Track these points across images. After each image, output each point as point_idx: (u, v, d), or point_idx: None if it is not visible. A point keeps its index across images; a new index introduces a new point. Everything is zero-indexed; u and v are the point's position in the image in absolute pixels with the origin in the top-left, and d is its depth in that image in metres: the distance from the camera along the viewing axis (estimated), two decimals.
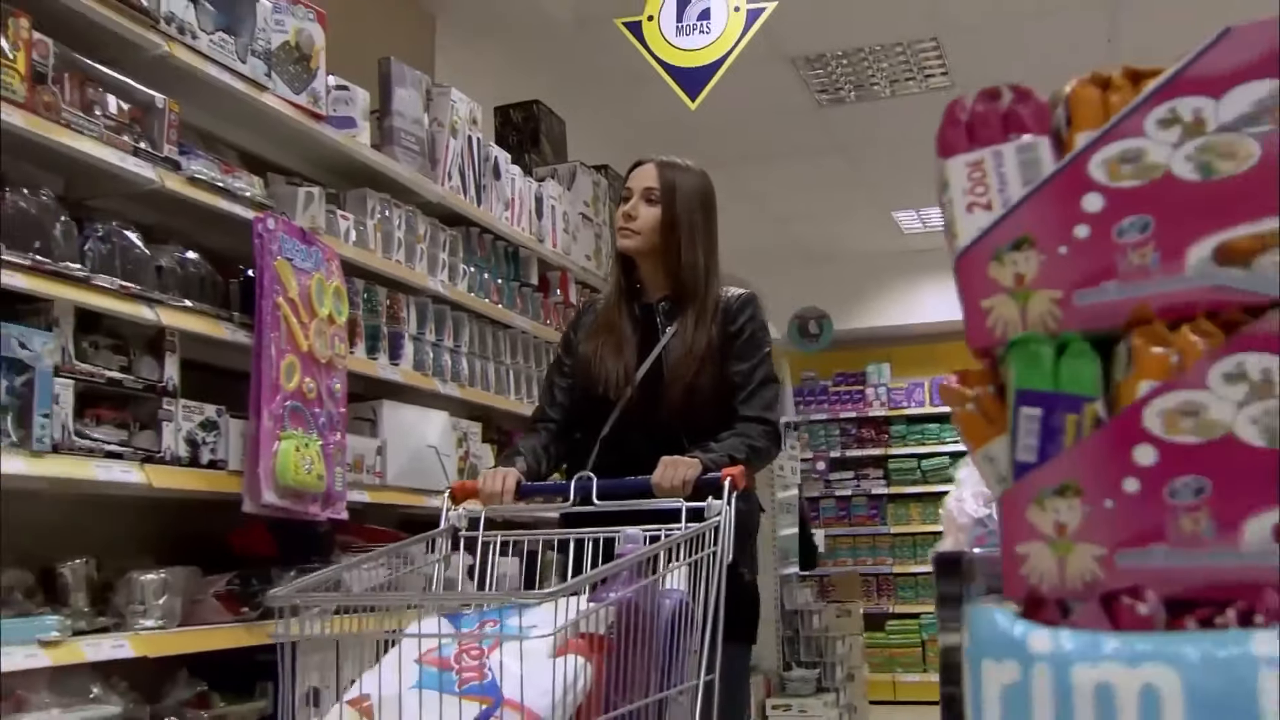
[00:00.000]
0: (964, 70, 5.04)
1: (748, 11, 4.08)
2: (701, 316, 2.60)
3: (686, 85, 4.10)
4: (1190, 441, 0.78)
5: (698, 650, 1.93)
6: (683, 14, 4.12)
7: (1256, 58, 0.82)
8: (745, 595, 2.46)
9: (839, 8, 4.52)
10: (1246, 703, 0.68)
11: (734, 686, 2.39)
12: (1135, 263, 0.82)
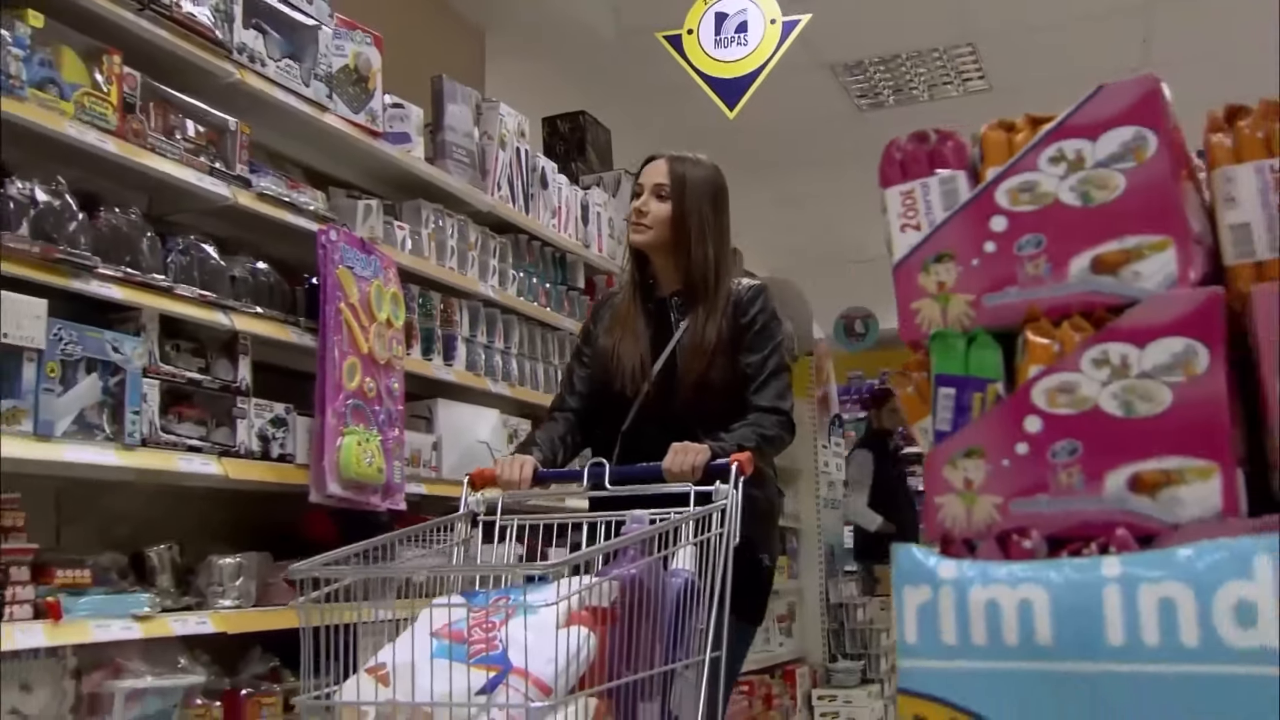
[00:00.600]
0: (1000, 74, 5.23)
1: (783, 24, 4.29)
2: (712, 310, 2.65)
3: (725, 95, 4.32)
4: (1066, 413, 1.00)
5: (704, 628, 2.03)
6: (721, 27, 4.35)
7: (1123, 108, 1.04)
8: (761, 580, 2.59)
9: (875, 17, 4.73)
10: (1094, 610, 0.91)
11: (732, 659, 2.48)
12: (1030, 272, 1.05)
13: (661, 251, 2.76)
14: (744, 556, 2.26)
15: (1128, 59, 4.81)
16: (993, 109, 1.38)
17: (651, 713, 1.91)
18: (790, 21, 4.27)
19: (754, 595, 2.52)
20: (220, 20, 2.84)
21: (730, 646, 2.45)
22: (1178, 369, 0.98)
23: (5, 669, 2.32)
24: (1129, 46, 4.93)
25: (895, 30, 4.84)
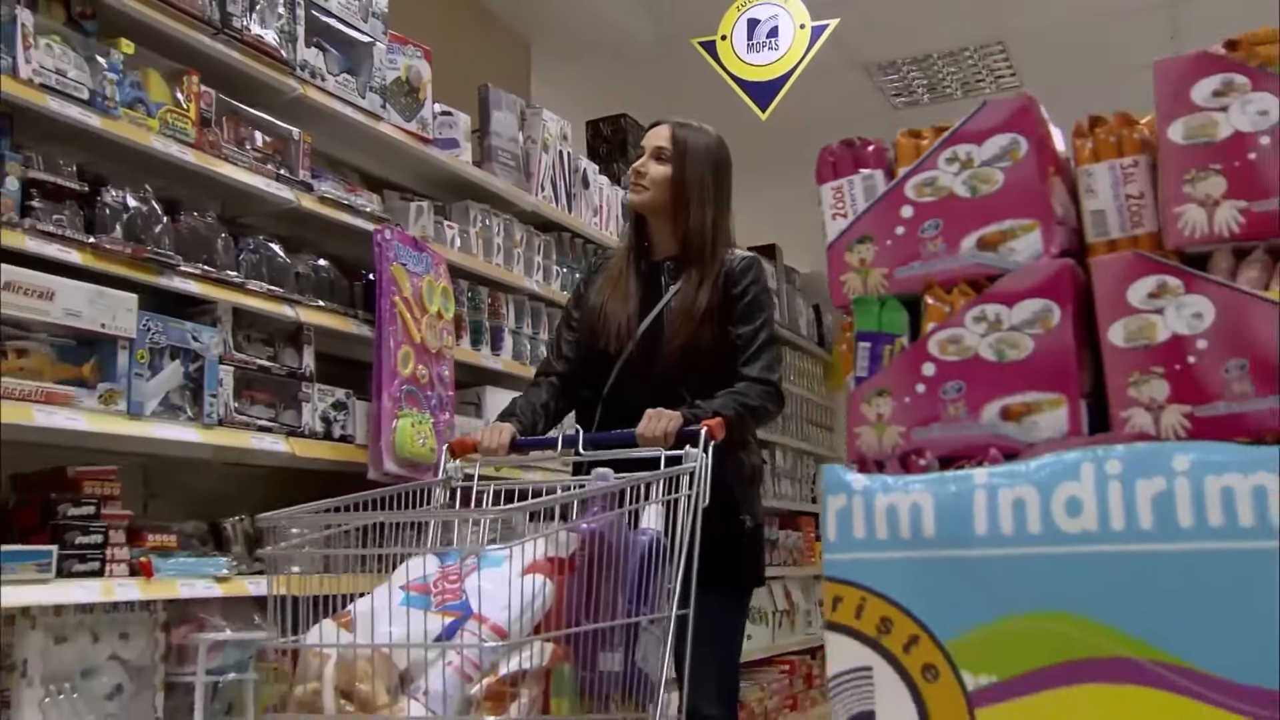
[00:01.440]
0: (1032, 71, 5.49)
1: (812, 29, 4.60)
2: (704, 277, 2.68)
3: (757, 97, 4.63)
4: (954, 359, 1.30)
5: (671, 585, 2.07)
6: (753, 33, 4.66)
7: (1002, 120, 1.34)
8: (748, 541, 2.64)
9: (906, 18, 5.01)
10: (966, 509, 1.21)
11: (730, 625, 2.61)
12: (930, 250, 1.35)
13: (659, 214, 2.81)
14: (726, 519, 2.39)
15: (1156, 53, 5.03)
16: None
17: (613, 661, 2.01)
18: (819, 26, 4.56)
19: (741, 556, 2.59)
20: (285, 41, 3.21)
21: (727, 611, 2.57)
22: (1037, 323, 1.28)
23: (107, 619, 2.69)
24: (1157, 41, 5.16)
25: (927, 31, 5.12)
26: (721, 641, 2.58)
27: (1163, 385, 1.21)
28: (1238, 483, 1.12)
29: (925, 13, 4.98)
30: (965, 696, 1.20)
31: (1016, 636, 1.19)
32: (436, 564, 1.99)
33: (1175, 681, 1.12)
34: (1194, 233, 1.24)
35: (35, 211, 2.54)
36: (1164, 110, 1.27)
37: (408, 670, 1.87)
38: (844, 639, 1.26)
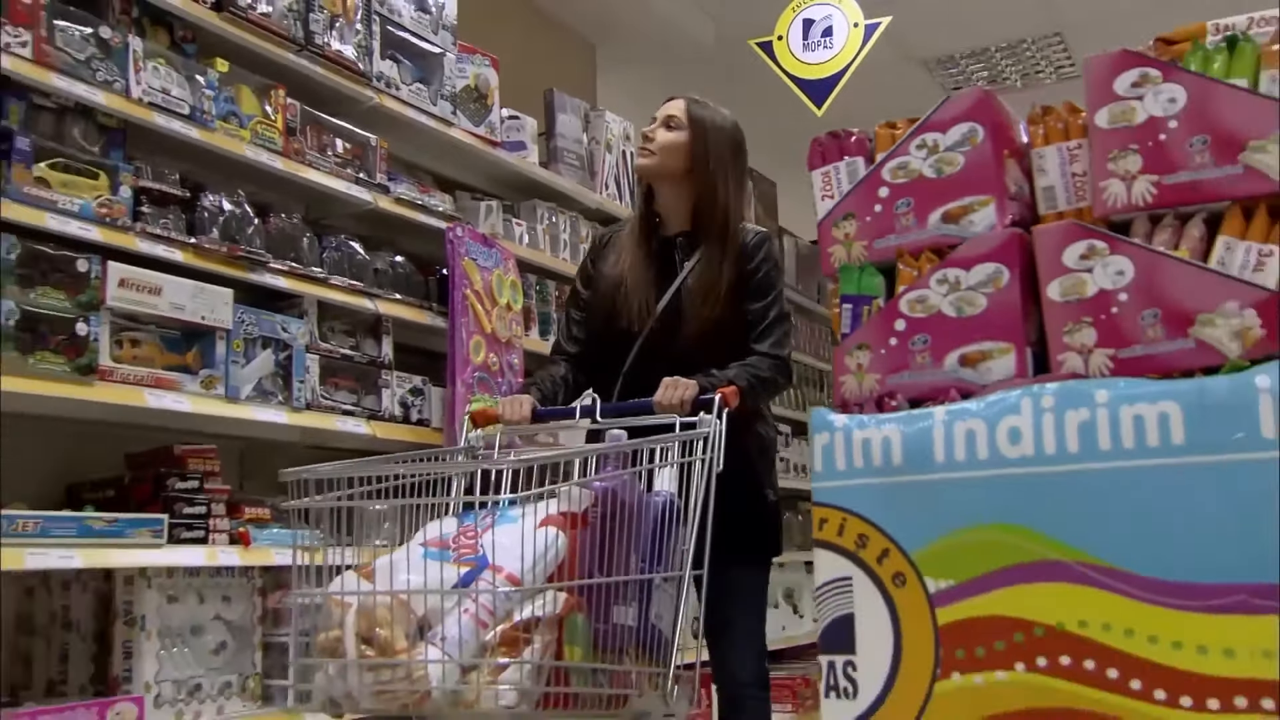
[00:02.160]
0: None
1: (865, 26, 4.85)
2: (724, 254, 2.73)
3: (813, 94, 4.89)
4: (921, 316, 1.56)
5: (685, 546, 2.11)
6: (808, 32, 4.92)
7: (963, 110, 1.59)
8: (769, 512, 2.74)
9: (962, 13, 5.23)
10: (927, 440, 1.46)
11: (754, 593, 2.73)
12: (903, 224, 1.61)
13: (666, 181, 2.84)
14: (749, 492, 2.58)
15: None
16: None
17: (626, 615, 2.07)
18: (872, 24, 4.81)
19: (763, 528, 2.71)
20: (362, 55, 3.55)
21: (754, 582, 2.73)
22: (990, 284, 1.52)
23: (211, 583, 3.05)
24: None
25: (984, 25, 5.33)
26: (751, 613, 2.73)
27: (1091, 332, 1.46)
28: (1147, 411, 1.36)
29: (982, 7, 5.19)
30: (928, 598, 1.46)
31: (969, 546, 1.45)
32: (455, 524, 2.06)
33: (1094, 578, 1.36)
34: (1116, 203, 1.48)
35: (144, 216, 2.90)
36: (1092, 100, 1.52)
37: (426, 617, 1.95)
38: (829, 554, 1.53)
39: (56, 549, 2.62)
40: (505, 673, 1.88)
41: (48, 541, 2.62)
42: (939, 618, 1.45)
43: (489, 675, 1.88)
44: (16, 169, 2.57)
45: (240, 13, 3.14)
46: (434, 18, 3.85)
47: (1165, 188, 1.45)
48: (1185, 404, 1.35)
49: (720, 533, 2.10)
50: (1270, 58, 1.44)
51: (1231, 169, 1.41)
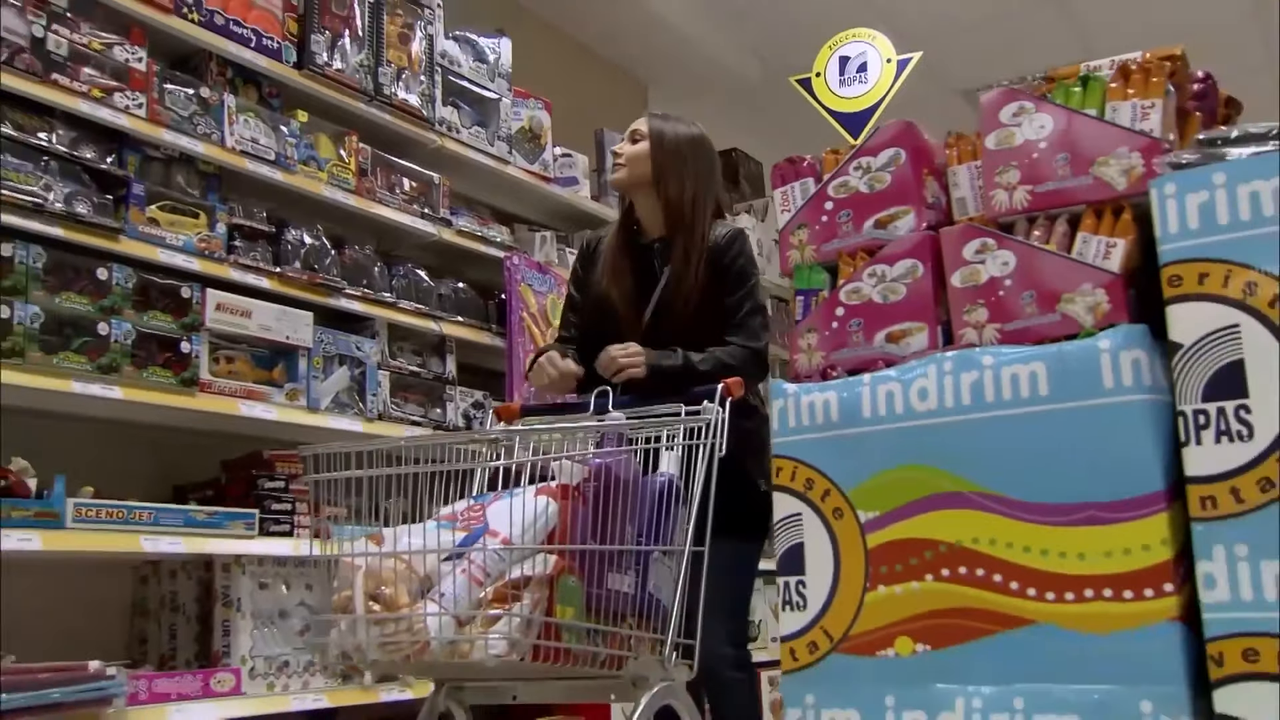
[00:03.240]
0: None
1: (898, 62, 5.29)
2: (690, 252, 2.93)
3: (849, 127, 5.33)
4: (855, 303, 1.99)
5: (686, 524, 2.23)
6: (844, 68, 5.37)
7: (889, 138, 2.04)
8: (759, 500, 2.75)
9: (994, 43, 5.65)
10: (856, 400, 1.90)
11: (744, 572, 2.86)
12: (844, 231, 2.05)
13: (639, 190, 3.11)
14: (737, 481, 2.51)
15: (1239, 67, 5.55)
16: None
17: (622, 583, 2.23)
18: (904, 59, 5.25)
19: (748, 514, 2.79)
20: (425, 102, 4.10)
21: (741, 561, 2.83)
22: (908, 276, 1.95)
23: (296, 572, 3.56)
24: (1245, 52, 5.66)
25: (1018, 55, 5.73)
26: (725, 588, 2.78)
27: (984, 311, 1.88)
28: (1021, 370, 1.78)
29: (1016, 39, 5.61)
30: (860, 527, 1.89)
31: (890, 484, 1.87)
32: (466, 503, 2.25)
33: (983, 503, 1.78)
34: (1001, 208, 1.91)
35: (237, 249, 3.45)
36: (984, 127, 1.95)
37: (428, 577, 2.16)
38: (784, 495, 1.97)
39: (166, 537, 3.14)
40: (497, 624, 2.06)
41: (159, 530, 3.15)
42: (868, 542, 1.88)
43: (482, 627, 2.06)
44: (134, 211, 3.14)
45: (318, 70, 3.70)
46: (490, 67, 4.39)
47: (1037, 195, 1.88)
48: (1049, 364, 1.77)
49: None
50: (1111, 93, 1.87)
51: (1085, 179, 1.84)
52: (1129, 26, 5.63)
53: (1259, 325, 1.61)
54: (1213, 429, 1.62)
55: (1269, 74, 5.91)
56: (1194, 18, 5.63)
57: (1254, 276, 1.61)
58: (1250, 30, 5.68)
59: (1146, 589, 1.66)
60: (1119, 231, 1.79)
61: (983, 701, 1.76)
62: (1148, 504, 1.68)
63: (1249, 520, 1.59)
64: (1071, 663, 1.71)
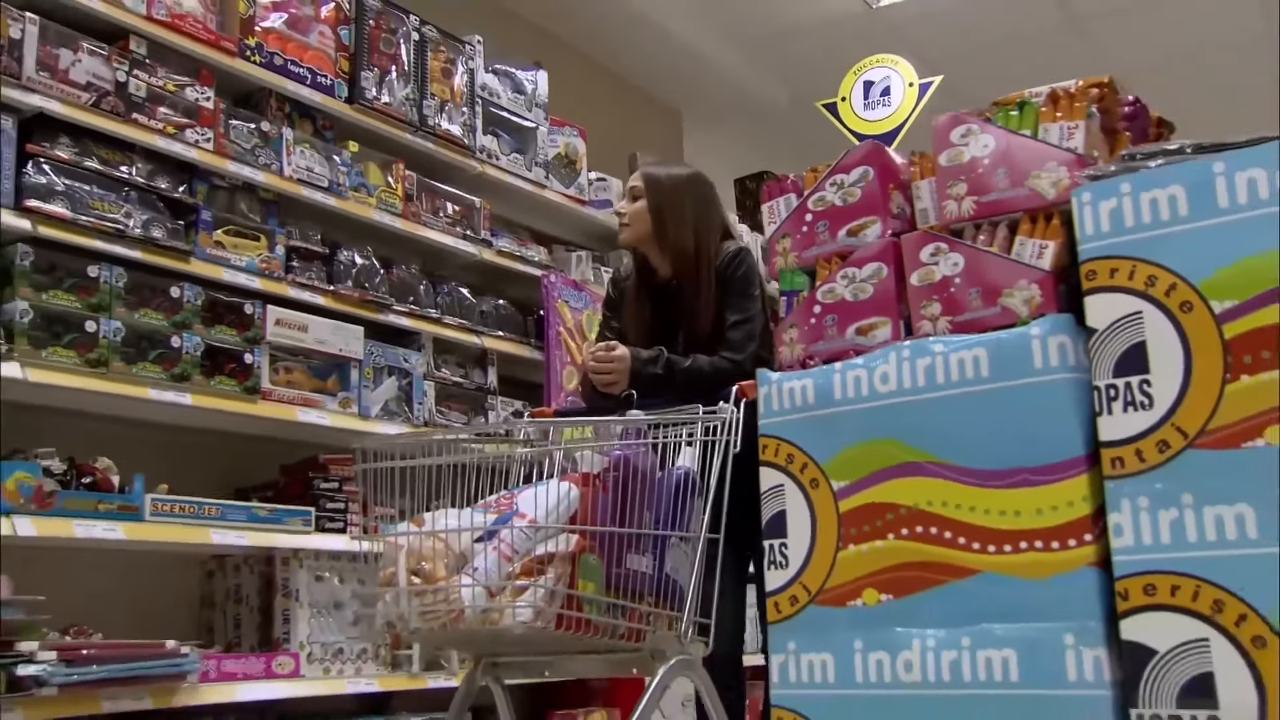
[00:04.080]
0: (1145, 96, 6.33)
1: (919, 85, 5.63)
2: (701, 289, 3.26)
3: None
4: (830, 301, 2.34)
5: (702, 514, 2.50)
6: (869, 93, 5.72)
7: (859, 158, 2.39)
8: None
9: (1012, 63, 5.98)
10: (829, 383, 2.24)
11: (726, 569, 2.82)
12: (821, 239, 2.39)
13: (646, 243, 3.40)
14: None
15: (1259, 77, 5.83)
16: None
17: (641, 563, 2.50)
18: (925, 84, 5.59)
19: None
20: (467, 132, 4.50)
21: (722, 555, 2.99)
22: (875, 277, 2.29)
23: (349, 566, 3.94)
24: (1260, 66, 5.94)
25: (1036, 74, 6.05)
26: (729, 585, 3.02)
27: (938, 306, 2.22)
28: (966, 355, 2.11)
29: (1031, 58, 5.94)
30: (833, 494, 2.23)
31: (858, 456, 2.21)
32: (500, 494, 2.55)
33: (935, 470, 2.11)
34: (952, 216, 2.25)
35: (294, 269, 3.86)
36: (936, 147, 2.30)
37: (462, 555, 2.45)
38: (769, 470, 2.32)
39: (232, 530, 3.54)
40: (523, 595, 2.35)
41: (225, 524, 3.55)
42: (840, 508, 2.22)
43: (510, 596, 2.36)
44: (202, 235, 3.56)
45: (367, 104, 4.11)
46: (528, 97, 4.79)
47: (981, 204, 2.22)
48: (990, 349, 2.11)
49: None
50: (1042, 115, 2.21)
51: (1021, 190, 2.18)
52: (1144, 45, 5.94)
53: (1158, 312, 1.94)
54: (1121, 400, 1.95)
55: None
56: (1206, 34, 5.93)
57: (1154, 271, 1.95)
58: (1261, 48, 5.96)
59: (1070, 540, 1.99)
60: (1050, 235, 2.13)
61: (935, 642, 2.09)
62: (1070, 467, 2.01)
63: (1149, 476, 1.92)
64: (1009, 605, 2.04)
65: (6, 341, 3.12)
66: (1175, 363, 1.92)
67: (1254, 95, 6.08)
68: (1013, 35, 6.32)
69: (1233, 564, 1.83)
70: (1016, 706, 2.00)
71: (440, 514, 2.63)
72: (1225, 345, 1.88)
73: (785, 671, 2.25)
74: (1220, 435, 1.87)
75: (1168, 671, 1.85)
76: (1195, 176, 1.95)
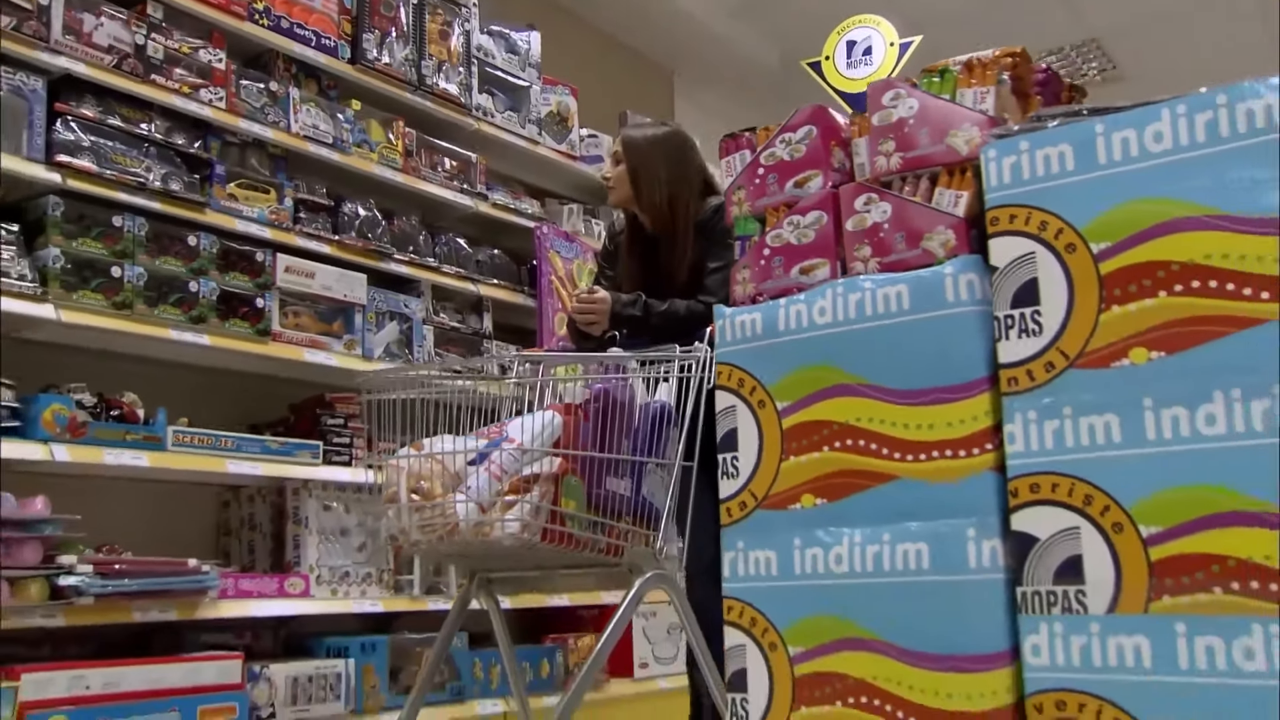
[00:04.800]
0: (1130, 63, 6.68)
1: (900, 45, 6.00)
2: (676, 244, 3.70)
3: (856, 106, 6.02)
4: (778, 245, 2.71)
5: (677, 443, 2.99)
6: (851, 52, 6.09)
7: (805, 118, 2.76)
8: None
9: (995, 27, 6.33)
10: (774, 317, 2.63)
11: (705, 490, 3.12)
12: (771, 190, 2.77)
13: (630, 203, 3.82)
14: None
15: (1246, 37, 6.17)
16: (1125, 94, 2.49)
17: (619, 486, 2.91)
18: (905, 43, 5.96)
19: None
20: (463, 91, 4.87)
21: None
22: (816, 224, 2.67)
23: (354, 497, 4.34)
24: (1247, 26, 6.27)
25: (1021, 35, 6.39)
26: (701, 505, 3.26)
27: (869, 249, 2.60)
28: (890, 290, 2.49)
29: (1017, 19, 6.28)
30: (777, 413, 2.62)
31: (799, 380, 2.60)
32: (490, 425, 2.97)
33: (863, 390, 2.50)
34: (882, 170, 2.63)
35: (301, 220, 4.24)
36: (870, 108, 2.67)
37: (457, 476, 2.83)
38: (723, 393, 2.71)
39: (246, 461, 3.95)
40: (512, 510, 2.74)
41: (240, 455, 3.95)
42: (783, 424, 2.61)
43: (500, 512, 2.74)
44: (216, 188, 3.94)
45: (369, 64, 4.49)
46: (521, 58, 5.16)
47: (907, 159, 2.60)
48: (910, 286, 2.48)
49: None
50: (960, 81, 2.59)
51: (940, 147, 2.55)
52: (1125, 6, 6.28)
53: (1048, 252, 2.32)
54: (1016, 328, 2.33)
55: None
56: None
57: (1045, 217, 2.32)
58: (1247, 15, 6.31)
59: (974, 449, 2.38)
60: (964, 186, 2.50)
61: (861, 538, 2.49)
62: (975, 387, 2.39)
63: (1038, 393, 2.30)
64: (922, 505, 2.43)
65: (41, 285, 3.52)
66: (1060, 296, 2.30)
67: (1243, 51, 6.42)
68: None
69: (1101, 464, 2.22)
70: (928, 590, 2.40)
71: (436, 439, 3.02)
72: (1101, 280, 2.26)
73: (735, 567, 2.65)
74: (1095, 356, 2.25)
75: (1046, 555, 2.24)
76: (1080, 135, 2.32)
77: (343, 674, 4.05)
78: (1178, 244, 2.17)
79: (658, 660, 5.15)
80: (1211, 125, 2.17)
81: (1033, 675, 2.23)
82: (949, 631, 2.36)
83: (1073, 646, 2.19)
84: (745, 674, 2.57)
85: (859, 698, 2.44)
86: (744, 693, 2.57)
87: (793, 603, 2.56)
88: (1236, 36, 6.26)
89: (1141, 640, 2.12)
